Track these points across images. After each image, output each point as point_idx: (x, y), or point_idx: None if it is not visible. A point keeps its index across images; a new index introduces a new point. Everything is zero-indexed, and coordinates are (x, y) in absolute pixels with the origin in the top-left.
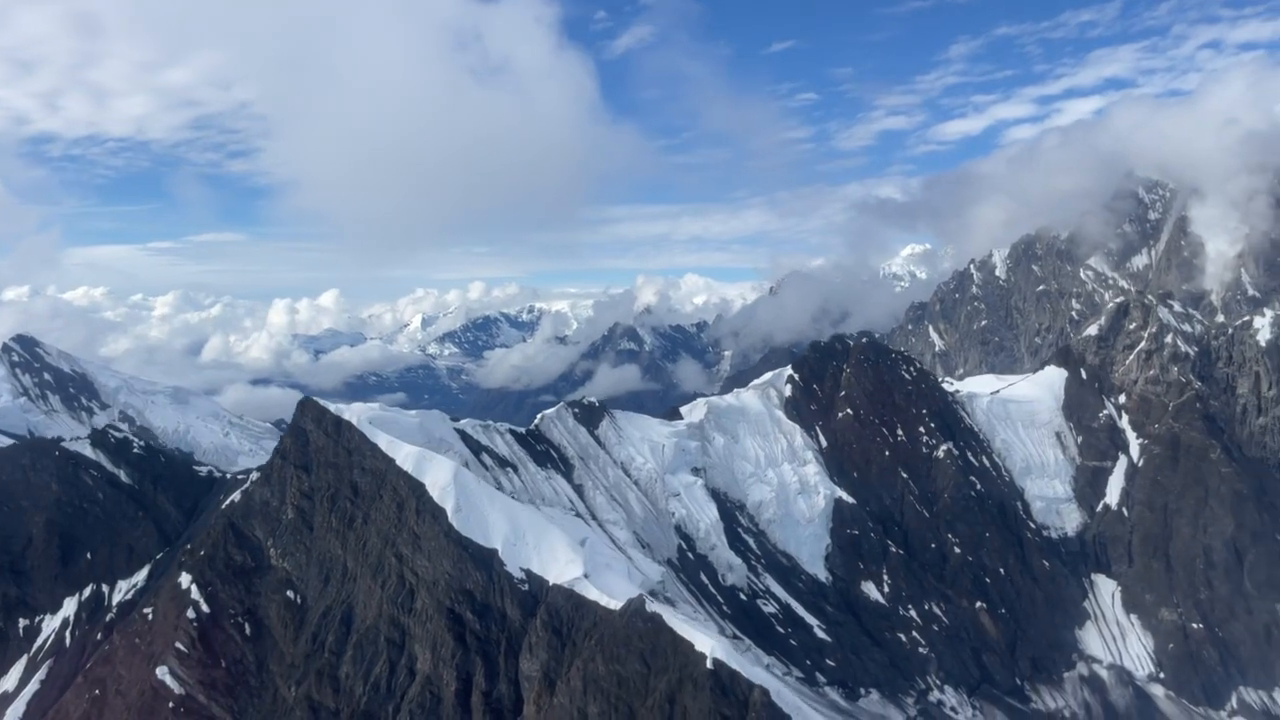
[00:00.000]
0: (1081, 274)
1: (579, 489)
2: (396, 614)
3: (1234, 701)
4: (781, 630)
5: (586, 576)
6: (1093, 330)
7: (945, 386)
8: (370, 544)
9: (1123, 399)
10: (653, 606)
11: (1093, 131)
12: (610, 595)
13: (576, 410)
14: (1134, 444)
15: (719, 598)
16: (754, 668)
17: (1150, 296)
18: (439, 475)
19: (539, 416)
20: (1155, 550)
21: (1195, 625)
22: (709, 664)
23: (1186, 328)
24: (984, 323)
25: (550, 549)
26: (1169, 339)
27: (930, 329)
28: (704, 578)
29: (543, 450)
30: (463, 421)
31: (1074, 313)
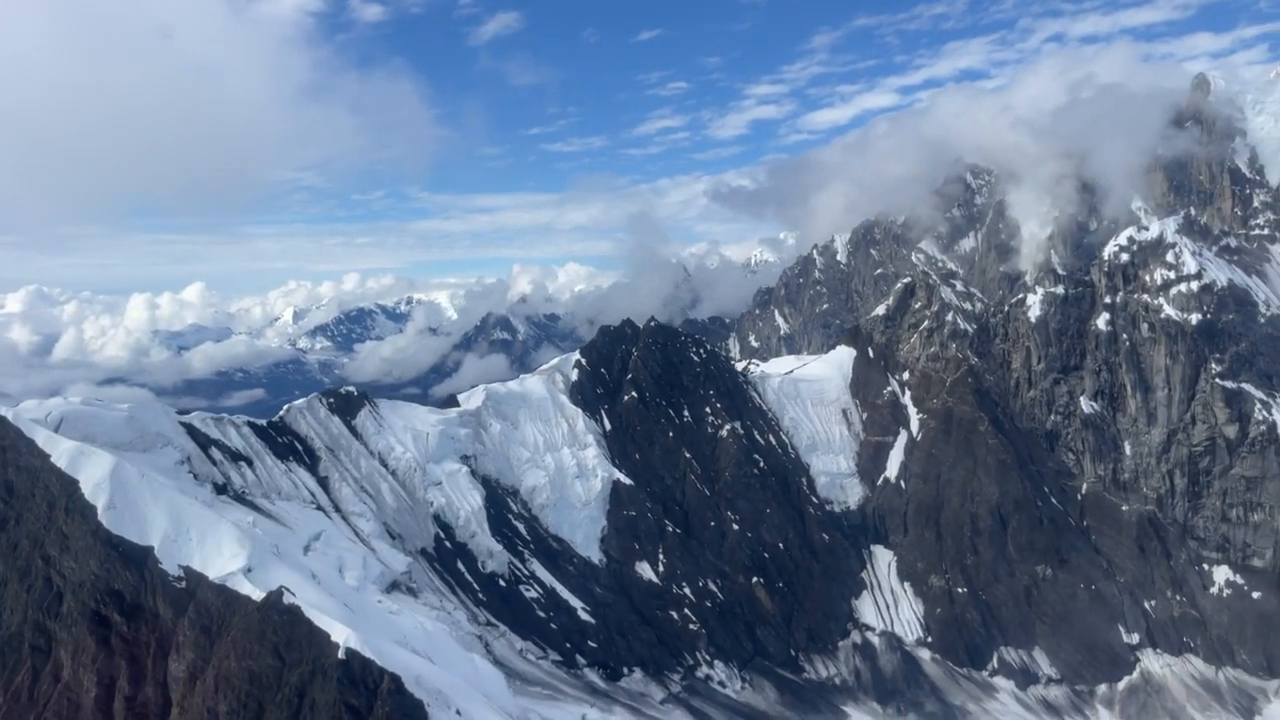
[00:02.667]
0: (914, 257)
1: (324, 481)
2: (42, 619)
3: (995, 661)
4: (542, 615)
5: (249, 570)
6: (880, 310)
7: (753, 368)
8: (21, 546)
9: (906, 376)
10: (307, 597)
11: (919, 120)
12: (265, 589)
13: (332, 400)
14: (914, 419)
15: (475, 585)
16: (403, 654)
17: (934, 276)
18: (94, 472)
19: (285, 408)
20: (928, 520)
21: (960, 590)
22: (341, 654)
23: (967, 306)
24: (825, 306)
25: (215, 544)
26: (949, 317)
27: (776, 313)
28: (461, 566)
29: (286, 443)
30: (193, 414)
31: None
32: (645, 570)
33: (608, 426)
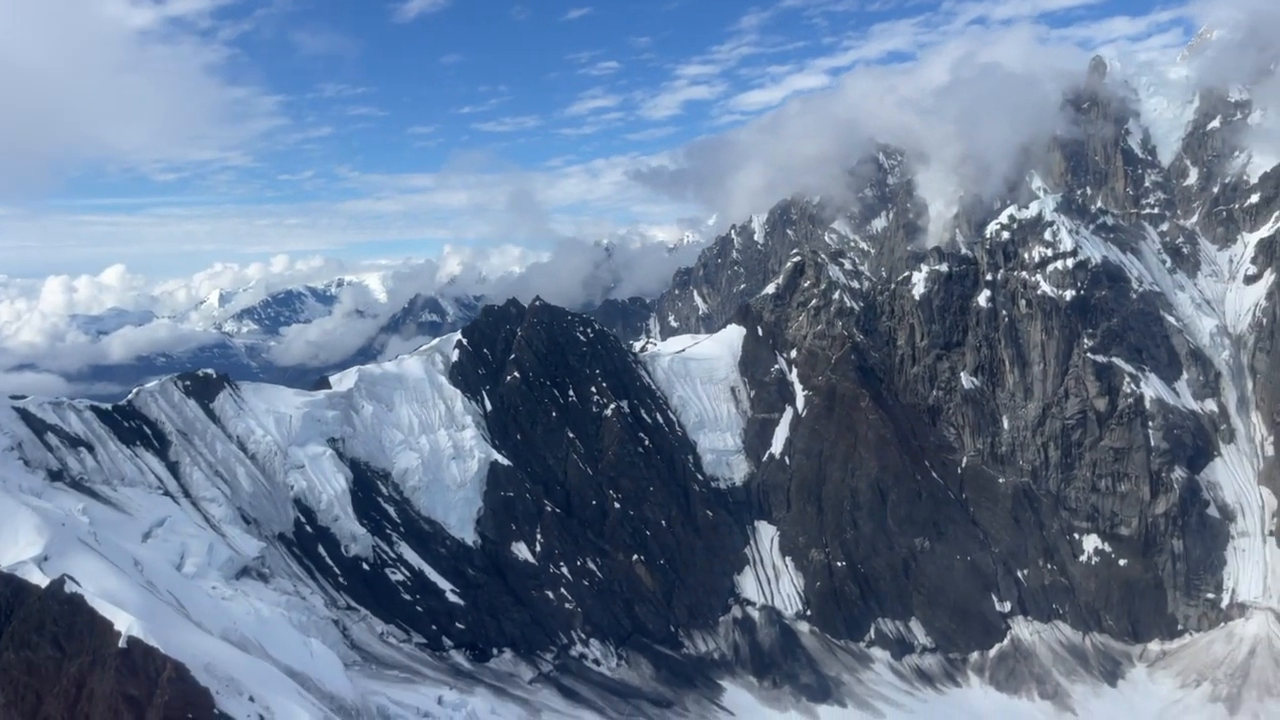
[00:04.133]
0: (826, 237)
1: (174, 466)
2: None
3: (872, 632)
4: (408, 597)
5: (45, 559)
6: (770, 289)
7: (650, 347)
8: None
9: (794, 354)
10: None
11: (831, 101)
12: (50, 576)
13: (188, 383)
14: (800, 396)
15: (337, 570)
16: (202, 641)
17: (823, 255)
18: None
19: (134, 391)
20: (809, 495)
21: (840, 564)
22: (121, 643)
23: (855, 284)
24: (743, 286)
25: (11, 532)
26: (836, 296)
27: (695, 293)
28: (323, 550)
29: (133, 427)
30: (28, 398)
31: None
32: (521, 551)
33: (488, 407)
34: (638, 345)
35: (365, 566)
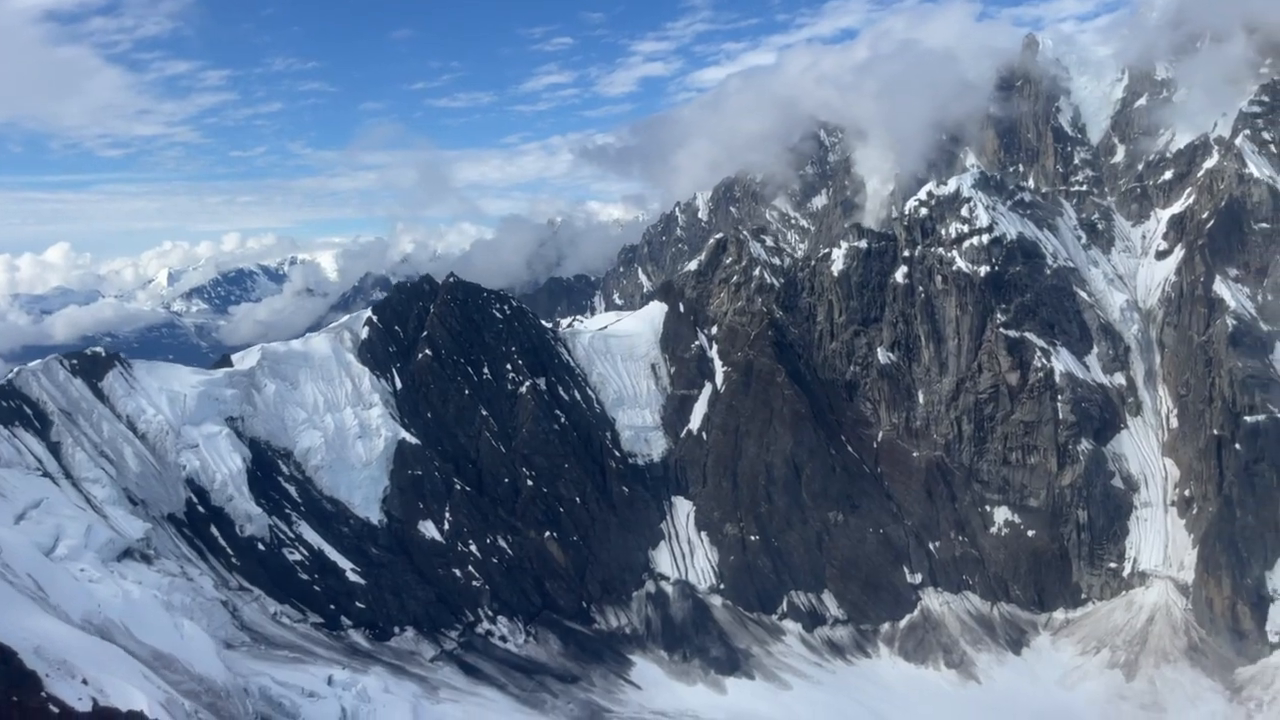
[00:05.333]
0: (767, 214)
1: (55, 447)
2: None
3: (784, 605)
4: (306, 577)
5: None
6: (693, 266)
7: (577, 324)
8: None
9: (714, 330)
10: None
11: (771, 77)
12: None
13: (75, 361)
14: (719, 372)
15: (230, 550)
16: (41, 623)
17: (744, 232)
18: None
19: (15, 370)
20: (725, 470)
21: (753, 538)
22: None
23: (775, 260)
24: (687, 264)
25: None
26: (757, 272)
27: (640, 270)
28: (215, 530)
29: (12, 407)
30: None
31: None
32: (429, 529)
33: (398, 385)
34: (565, 322)
35: (260, 546)
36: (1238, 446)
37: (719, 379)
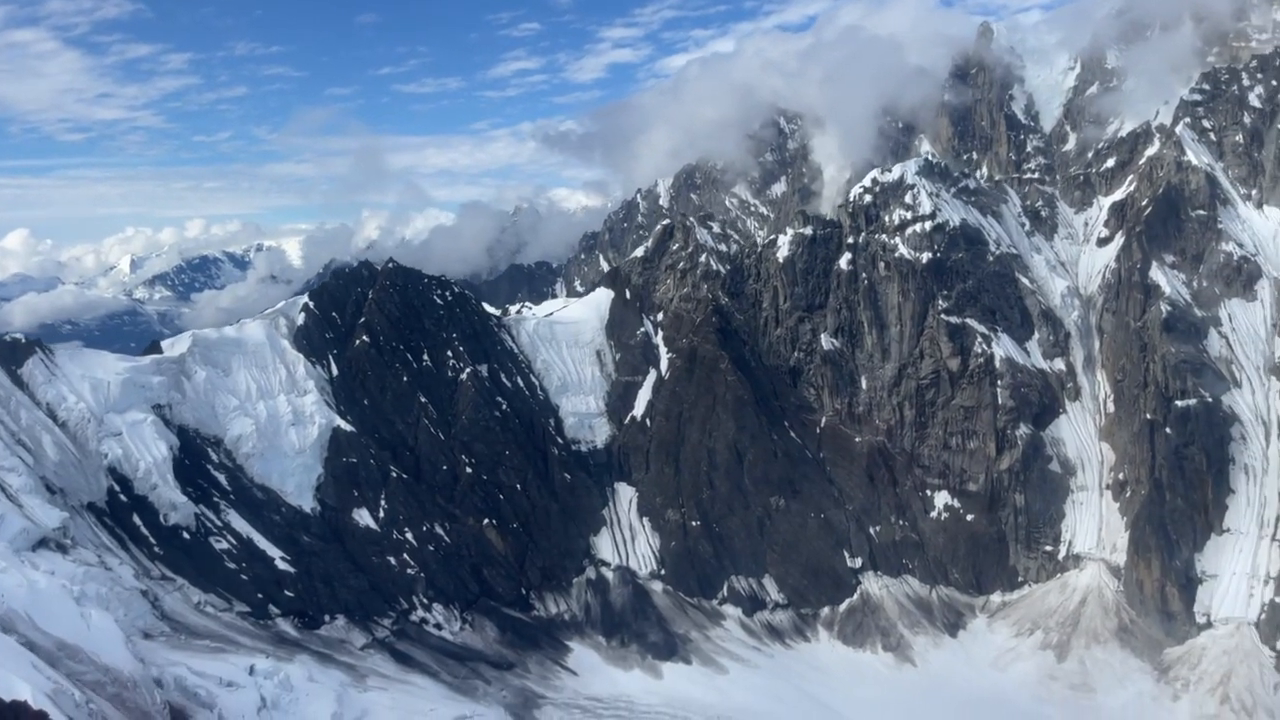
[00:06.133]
0: (727, 201)
1: None
2: None
3: (725, 590)
4: (233, 566)
5: None
6: (639, 252)
7: (525, 311)
8: None
9: (660, 316)
10: None
11: (729, 64)
12: None
13: None
14: (664, 359)
15: (153, 539)
16: None
17: (691, 218)
18: None
19: None
20: (668, 456)
21: (695, 523)
22: None
23: (722, 247)
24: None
25: None
26: (703, 258)
27: (600, 257)
28: (138, 519)
29: None
30: None
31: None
32: (363, 517)
33: (335, 372)
34: (514, 309)
35: (185, 535)
36: (1168, 431)
37: (664, 365)
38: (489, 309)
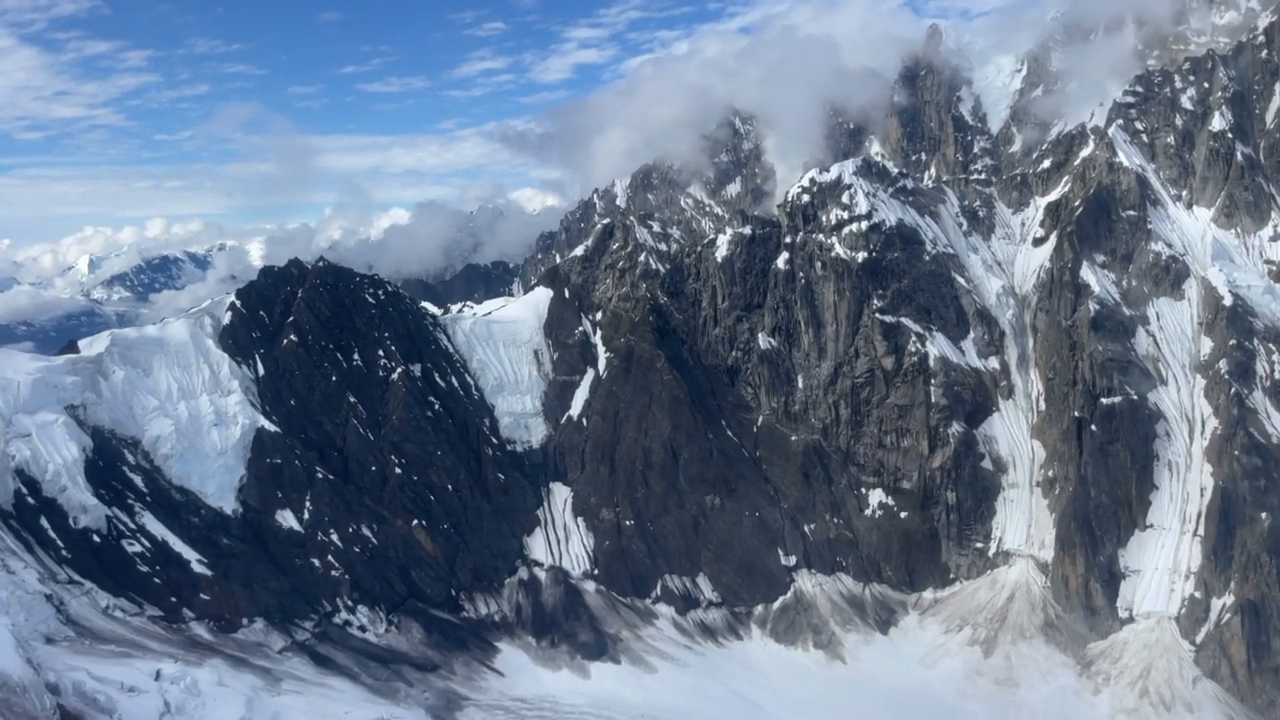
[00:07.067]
0: (682, 201)
1: None
2: None
3: (658, 589)
4: (145, 569)
5: None
6: (579, 251)
7: (467, 310)
8: None
9: (599, 316)
10: None
11: (682, 64)
12: None
13: None
14: (602, 358)
15: (60, 543)
16: None
17: (631, 218)
18: None
19: None
20: (603, 456)
21: (629, 522)
22: None
23: (662, 246)
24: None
25: None
26: (642, 258)
27: (558, 257)
28: (45, 522)
29: None
30: None
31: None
32: (287, 518)
33: (261, 372)
34: (456, 308)
35: (96, 538)
36: (1094, 428)
37: (601, 365)
38: (432, 308)
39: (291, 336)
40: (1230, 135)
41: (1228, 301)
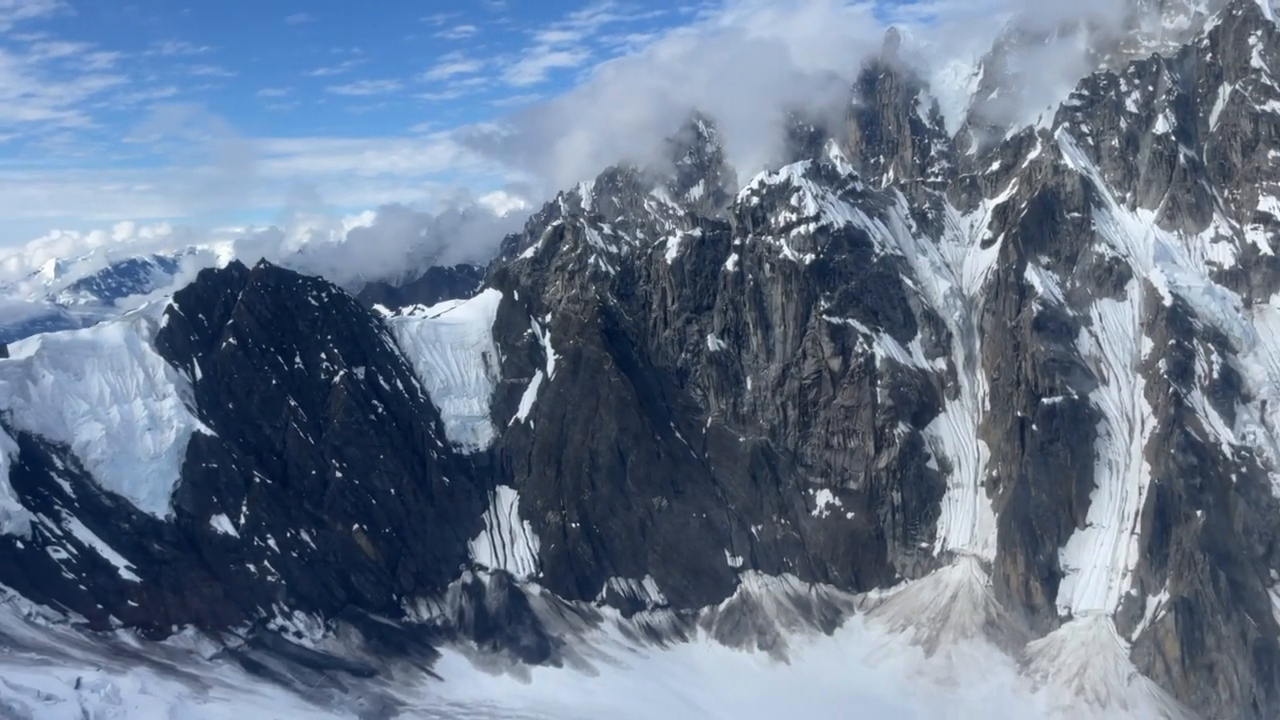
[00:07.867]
0: (646, 204)
1: None
2: None
3: (604, 592)
4: (71, 576)
5: None
6: (529, 253)
7: (417, 313)
8: None
9: (548, 318)
10: None
11: (643, 67)
12: None
13: None
14: (551, 360)
15: None
16: None
17: (581, 219)
18: None
19: None
20: (550, 459)
21: (574, 525)
22: None
23: (612, 249)
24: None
25: None
26: (592, 260)
27: None
28: None
29: None
30: None
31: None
32: (222, 523)
33: (199, 375)
34: (406, 310)
35: (19, 545)
36: (1035, 428)
37: (550, 367)
38: (384, 311)
39: (231, 339)
40: (1174, 138)
41: (1168, 302)
